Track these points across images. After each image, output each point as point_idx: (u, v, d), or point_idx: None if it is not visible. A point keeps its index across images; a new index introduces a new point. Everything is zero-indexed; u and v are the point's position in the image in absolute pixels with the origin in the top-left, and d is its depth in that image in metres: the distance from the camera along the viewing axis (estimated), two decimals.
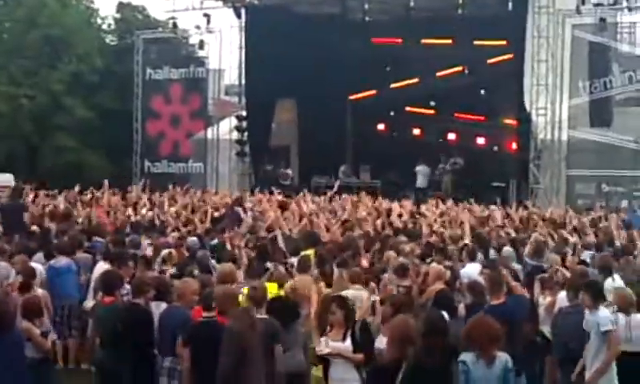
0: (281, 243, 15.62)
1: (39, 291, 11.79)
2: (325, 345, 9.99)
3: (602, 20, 30.85)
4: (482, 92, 34.56)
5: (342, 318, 10.06)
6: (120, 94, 42.06)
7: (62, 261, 14.40)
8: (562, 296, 11.83)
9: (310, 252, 14.02)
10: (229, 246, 15.33)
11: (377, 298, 11.38)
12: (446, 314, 9.72)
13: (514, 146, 33.57)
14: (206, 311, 10.12)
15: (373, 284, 12.07)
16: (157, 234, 16.61)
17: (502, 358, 8.79)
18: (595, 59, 31.63)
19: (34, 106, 41.56)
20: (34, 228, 17.59)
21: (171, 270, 13.48)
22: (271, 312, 10.39)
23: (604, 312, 10.63)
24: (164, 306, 10.90)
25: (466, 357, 8.73)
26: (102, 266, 13.51)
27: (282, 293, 11.81)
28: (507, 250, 15.89)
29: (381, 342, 9.92)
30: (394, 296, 10.88)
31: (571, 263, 14.21)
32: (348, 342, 9.98)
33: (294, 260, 13.66)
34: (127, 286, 11.88)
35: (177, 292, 11.01)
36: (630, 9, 31.24)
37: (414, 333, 8.93)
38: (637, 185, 30.95)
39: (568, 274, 12.74)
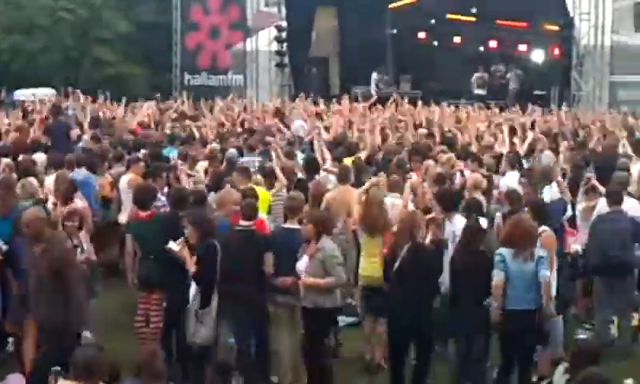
0: (319, 152, 15.29)
1: (79, 204, 11.70)
2: None
3: None
4: None
5: None
6: (159, 5, 41.91)
7: (81, 173, 13.78)
8: (603, 202, 11.70)
9: (349, 160, 13.94)
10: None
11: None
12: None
13: (557, 52, 33.10)
14: (245, 220, 10.19)
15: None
16: (197, 146, 16.56)
17: (536, 253, 9.07)
18: None
19: (73, 19, 41.57)
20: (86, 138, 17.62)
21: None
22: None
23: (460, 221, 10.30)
24: None
25: (503, 250, 9.08)
26: (126, 179, 13.45)
27: None
28: (547, 154, 15.81)
29: (302, 264, 9.58)
30: (314, 214, 10.13)
31: None
32: None
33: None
34: (162, 198, 11.88)
35: (217, 201, 11.04)
36: None
37: (422, 224, 9.52)
38: None
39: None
